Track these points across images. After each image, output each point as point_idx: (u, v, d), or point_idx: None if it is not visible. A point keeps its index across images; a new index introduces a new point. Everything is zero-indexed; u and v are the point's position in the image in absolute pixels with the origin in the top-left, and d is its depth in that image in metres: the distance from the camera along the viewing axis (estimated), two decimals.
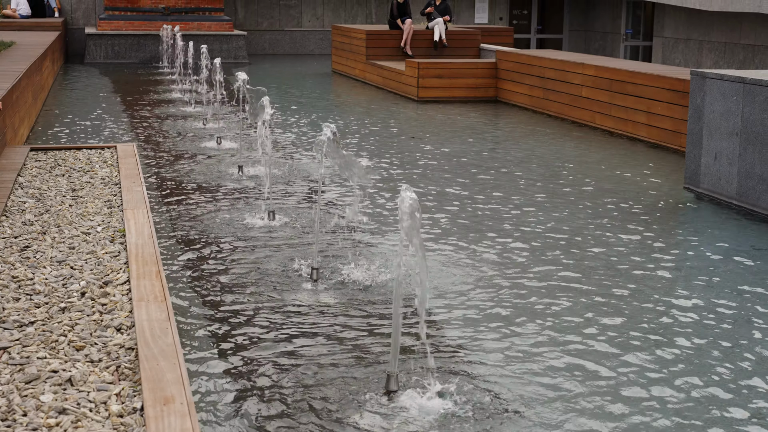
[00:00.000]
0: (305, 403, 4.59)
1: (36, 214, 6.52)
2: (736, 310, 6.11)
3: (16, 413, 3.46)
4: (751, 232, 8.06)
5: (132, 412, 3.51)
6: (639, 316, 5.94)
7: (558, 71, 15.27)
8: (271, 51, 28.08)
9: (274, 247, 7.29)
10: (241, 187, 9.51)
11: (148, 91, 18.19)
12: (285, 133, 13.28)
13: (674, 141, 12.11)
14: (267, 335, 5.50)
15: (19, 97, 11.36)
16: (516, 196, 9.39)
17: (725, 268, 7.03)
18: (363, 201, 6.35)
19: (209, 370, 5.00)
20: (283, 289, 6.30)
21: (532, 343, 5.47)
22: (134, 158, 8.61)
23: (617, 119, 13.54)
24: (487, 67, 17.68)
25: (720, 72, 9.06)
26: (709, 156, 9.11)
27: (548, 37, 29.18)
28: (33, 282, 5.00)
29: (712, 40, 21.57)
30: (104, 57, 24.59)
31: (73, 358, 4.00)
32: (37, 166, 8.32)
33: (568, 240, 7.73)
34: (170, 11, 25.57)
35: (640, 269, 6.94)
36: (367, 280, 6.43)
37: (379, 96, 18.33)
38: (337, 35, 22.96)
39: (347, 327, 5.65)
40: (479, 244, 7.56)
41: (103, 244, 5.75)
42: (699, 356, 5.34)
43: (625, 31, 26.18)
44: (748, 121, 8.53)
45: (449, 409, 4.50)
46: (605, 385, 4.91)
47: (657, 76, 12.66)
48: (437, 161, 11.30)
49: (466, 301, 6.17)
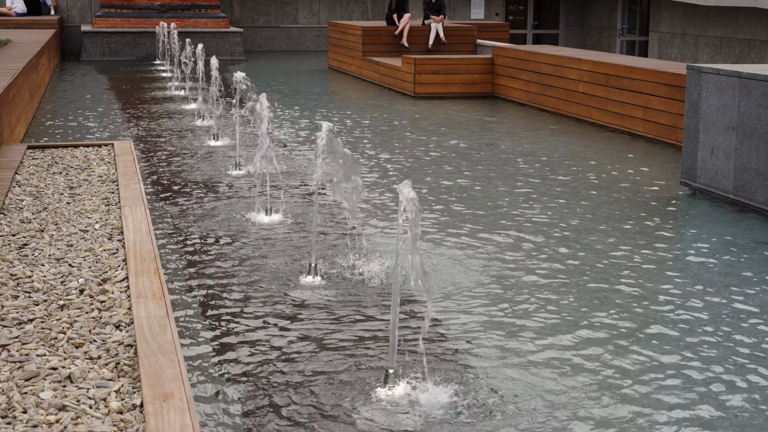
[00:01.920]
0: (304, 399, 4.60)
1: (34, 211, 6.52)
2: (734, 303, 6.12)
3: (16, 410, 3.47)
4: (748, 226, 8.07)
5: (131, 408, 3.52)
6: (637, 312, 5.95)
7: (554, 66, 15.27)
8: (267, 48, 28.07)
9: (273, 244, 7.30)
10: (238, 183, 9.52)
11: (144, 89, 18.17)
12: (282, 129, 13.28)
13: (671, 136, 12.13)
14: (266, 331, 5.51)
15: (16, 95, 11.36)
16: (512, 192, 9.40)
17: (722, 262, 7.04)
18: (360, 199, 6.33)
19: (208, 366, 5.01)
20: (281, 285, 6.31)
21: (530, 339, 5.48)
22: (131, 155, 8.61)
23: (614, 114, 13.55)
24: (484, 62, 17.68)
25: (716, 66, 9.07)
26: (705, 150, 9.13)
27: (544, 32, 29.17)
28: (31, 280, 5.01)
29: (708, 34, 21.58)
30: (100, 54, 24.57)
31: (72, 355, 4.01)
32: (35, 163, 8.32)
33: (565, 235, 7.74)
34: (166, 8, 25.54)
35: (637, 264, 6.95)
36: (367, 276, 6.44)
37: (376, 92, 18.33)
38: (334, 31, 22.95)
39: (346, 322, 5.66)
40: (476, 239, 7.57)
41: (101, 242, 5.76)
42: (697, 351, 5.35)
43: (622, 26, 26.18)
44: (745, 115, 8.54)
45: (448, 406, 4.51)
46: (604, 382, 4.93)
47: (653, 71, 12.67)
48: (434, 157, 11.31)
49: (464, 297, 6.17)
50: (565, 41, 28.62)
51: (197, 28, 25.26)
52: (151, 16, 25.36)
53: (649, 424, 4.45)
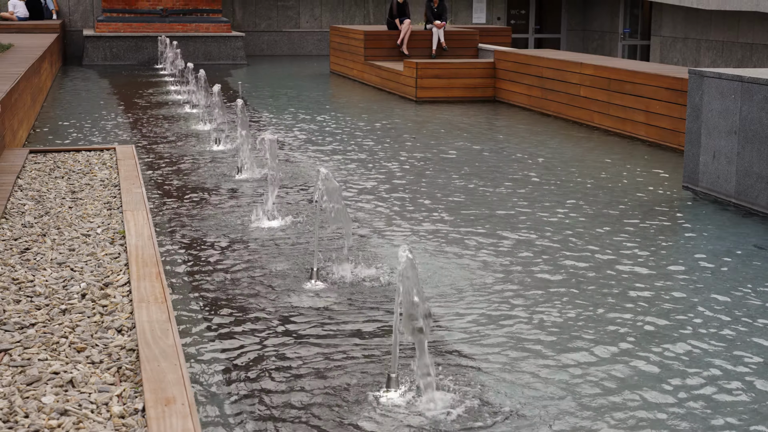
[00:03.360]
0: (306, 403, 4.60)
1: (36, 216, 6.52)
2: (737, 308, 6.12)
3: (17, 415, 3.47)
4: (750, 230, 8.07)
5: (133, 413, 3.52)
6: (639, 316, 5.95)
7: (556, 71, 15.28)
8: (269, 52, 28.09)
9: (274, 248, 7.30)
10: (240, 187, 9.52)
11: (146, 93, 18.19)
12: (285, 135, 13.29)
13: (673, 140, 12.12)
14: (268, 335, 5.51)
15: (18, 99, 11.37)
16: (514, 196, 9.40)
17: (725, 266, 7.04)
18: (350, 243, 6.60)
19: (210, 370, 5.01)
20: (283, 289, 6.31)
21: (533, 343, 5.47)
22: (133, 160, 8.62)
23: (616, 118, 13.56)
24: (486, 67, 17.69)
25: (718, 71, 9.07)
26: (707, 154, 9.12)
27: (546, 36, 29.20)
28: (33, 284, 5.01)
29: (709, 38, 21.59)
30: (102, 59, 24.59)
31: (74, 359, 4.01)
32: (37, 168, 8.33)
33: (567, 239, 7.74)
34: (168, 13, 25.57)
35: (639, 268, 6.95)
36: (368, 280, 6.44)
37: (378, 96, 18.33)
38: (335, 36, 22.97)
39: (348, 326, 5.65)
40: (477, 242, 7.56)
41: (103, 246, 5.76)
42: (700, 355, 5.34)
43: (623, 31, 26.19)
44: (747, 119, 8.54)
45: (448, 409, 4.51)
46: (606, 384, 4.92)
47: (655, 75, 12.67)
48: (436, 161, 11.31)
49: (464, 301, 6.17)
50: (567, 45, 28.63)
51: (199, 33, 25.28)
52: (153, 20, 25.40)
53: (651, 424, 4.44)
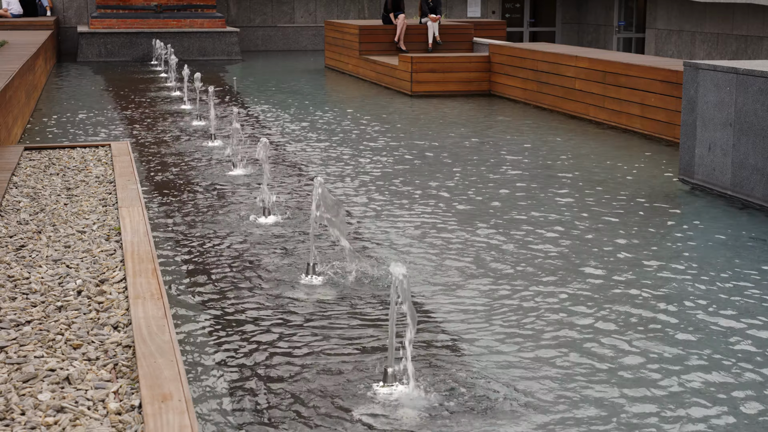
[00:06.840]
0: (302, 398, 4.60)
1: (31, 213, 6.51)
2: (734, 299, 6.12)
3: (14, 412, 3.46)
4: (746, 222, 8.08)
5: (130, 409, 3.51)
6: (636, 308, 5.95)
7: (551, 64, 15.27)
8: (264, 47, 28.05)
9: (270, 243, 7.29)
10: (235, 183, 9.51)
11: (141, 89, 18.16)
12: (278, 130, 13.27)
13: (668, 132, 12.13)
14: (264, 331, 5.51)
15: (12, 96, 11.34)
16: (510, 189, 9.40)
17: (720, 258, 7.05)
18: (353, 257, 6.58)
19: (207, 366, 5.00)
20: (279, 285, 6.30)
21: (531, 336, 5.48)
22: (128, 156, 8.60)
23: (611, 111, 13.56)
24: (481, 60, 17.67)
25: (713, 63, 9.07)
26: (703, 147, 9.13)
27: (541, 30, 29.17)
28: (29, 281, 5.00)
29: (704, 31, 21.59)
30: (97, 55, 24.54)
31: (70, 356, 4.00)
32: (32, 165, 8.31)
33: (562, 231, 7.74)
34: (162, 9, 25.51)
35: (635, 260, 6.95)
36: (364, 275, 6.44)
37: (373, 91, 18.32)
38: (330, 31, 22.94)
39: (344, 321, 5.65)
40: (473, 236, 7.56)
41: (99, 243, 5.75)
42: (698, 347, 5.35)
43: (618, 23, 26.18)
44: (742, 111, 8.54)
45: (445, 403, 4.51)
46: (606, 377, 4.93)
47: (650, 68, 12.67)
48: (431, 155, 11.30)
49: (462, 294, 6.17)
50: (562, 39, 28.61)
51: (193, 28, 25.24)
52: (147, 16, 25.34)
53: (659, 422, 4.45)
